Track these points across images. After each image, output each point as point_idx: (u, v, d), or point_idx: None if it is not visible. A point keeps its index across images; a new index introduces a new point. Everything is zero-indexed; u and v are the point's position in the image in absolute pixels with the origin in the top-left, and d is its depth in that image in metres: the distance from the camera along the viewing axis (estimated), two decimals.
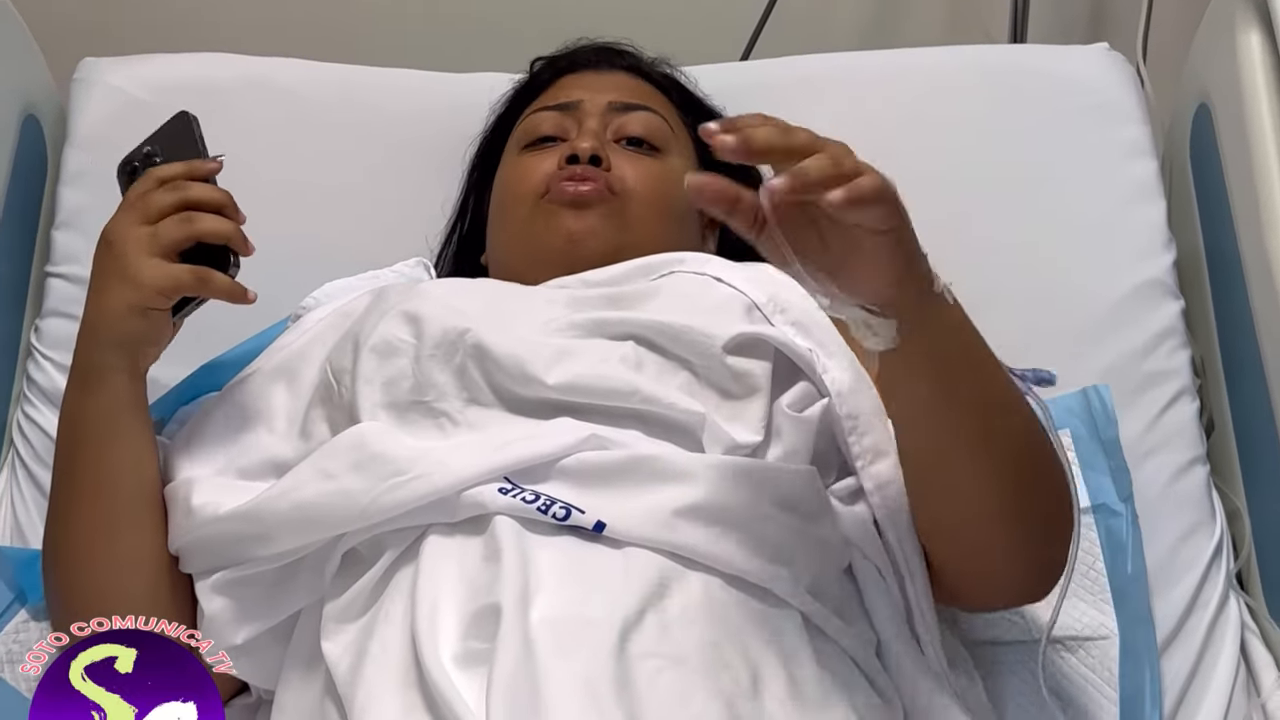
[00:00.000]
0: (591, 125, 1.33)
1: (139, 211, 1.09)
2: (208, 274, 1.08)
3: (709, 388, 1.11)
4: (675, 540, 1.01)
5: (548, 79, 1.43)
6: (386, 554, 1.04)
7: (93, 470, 1.11)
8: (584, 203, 1.27)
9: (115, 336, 1.10)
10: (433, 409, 1.11)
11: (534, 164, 1.32)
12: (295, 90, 1.57)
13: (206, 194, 1.09)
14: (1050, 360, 1.36)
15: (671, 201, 1.32)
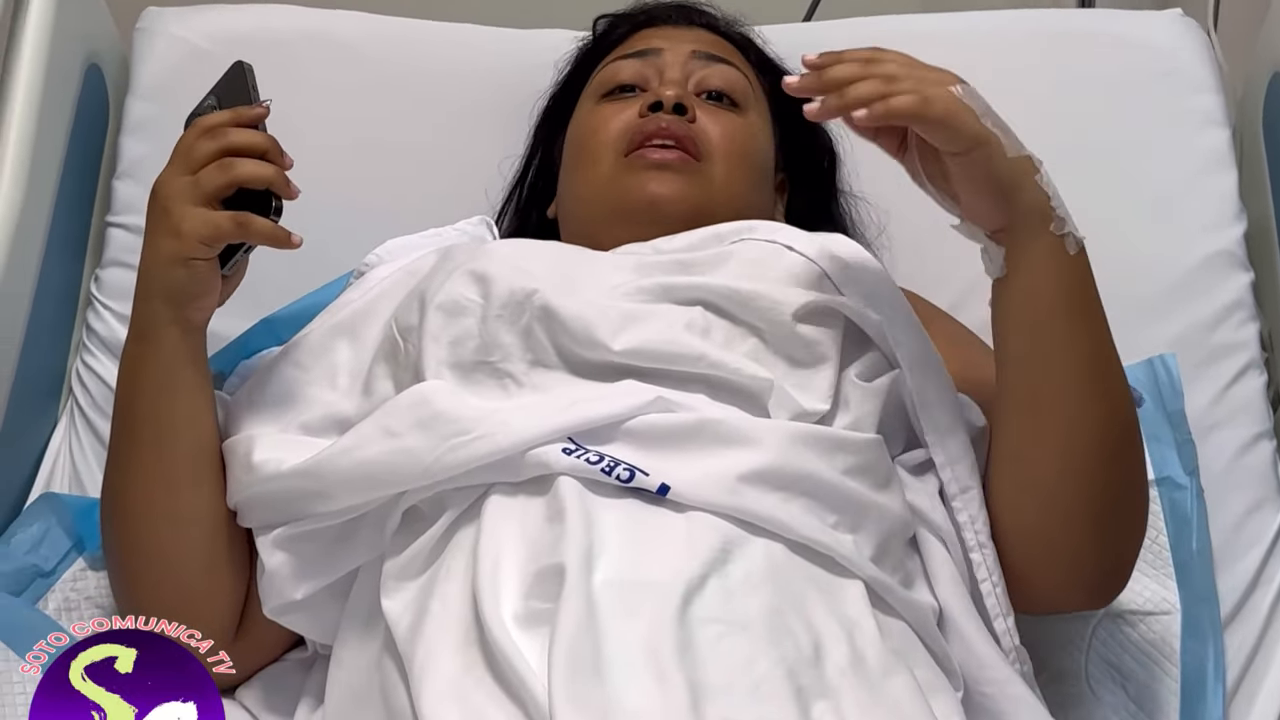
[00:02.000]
0: (674, 75, 1.32)
1: (183, 162, 1.08)
2: (247, 219, 1.06)
3: (777, 355, 1.10)
4: (739, 505, 1.01)
5: (625, 32, 1.41)
6: (448, 512, 1.04)
7: (150, 425, 1.12)
8: (667, 165, 1.25)
9: (163, 288, 1.09)
10: (497, 369, 1.11)
11: (614, 112, 1.30)
12: (355, 44, 1.56)
13: (247, 139, 1.07)
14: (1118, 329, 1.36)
15: (753, 160, 1.31)
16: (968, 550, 1.10)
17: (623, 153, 1.27)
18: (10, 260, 1.27)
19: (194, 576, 1.12)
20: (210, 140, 1.07)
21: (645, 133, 1.26)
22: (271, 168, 1.07)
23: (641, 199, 1.25)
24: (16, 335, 1.30)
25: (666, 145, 1.26)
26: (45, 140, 1.35)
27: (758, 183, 1.32)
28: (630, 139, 1.27)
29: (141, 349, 1.11)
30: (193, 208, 1.06)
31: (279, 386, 1.18)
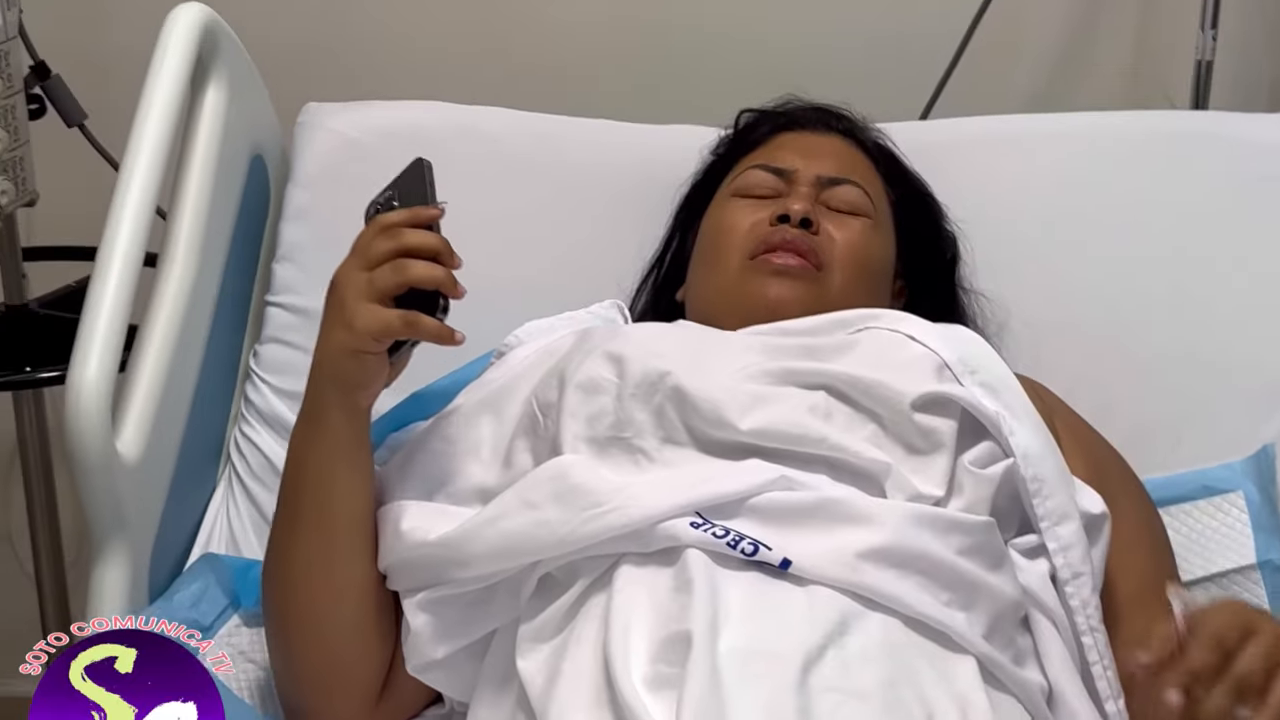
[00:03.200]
0: (803, 190, 1.37)
1: (360, 257, 1.12)
2: (416, 318, 1.10)
3: (895, 441, 1.15)
4: (858, 581, 1.05)
5: (765, 133, 1.47)
6: (581, 579, 1.10)
7: (314, 499, 1.17)
8: (788, 273, 1.31)
9: (334, 376, 1.14)
10: (631, 445, 1.17)
11: (746, 215, 1.37)
12: (501, 138, 1.63)
13: (421, 241, 1.11)
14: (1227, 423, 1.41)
15: (871, 268, 1.37)
16: (1079, 633, 1.13)
17: (749, 255, 1.34)
18: (181, 336, 1.35)
19: (346, 640, 1.18)
20: (387, 239, 1.11)
21: (771, 243, 1.33)
22: (442, 270, 1.10)
23: (762, 301, 1.31)
24: (184, 406, 1.38)
25: (789, 254, 1.32)
26: (215, 225, 1.43)
27: (874, 289, 1.37)
28: (757, 245, 1.33)
29: (310, 429, 1.17)
30: (366, 304, 1.10)
31: (426, 458, 1.24)
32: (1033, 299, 1.52)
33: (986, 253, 1.52)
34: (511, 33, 1.86)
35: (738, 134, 1.51)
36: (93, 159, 1.76)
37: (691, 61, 1.84)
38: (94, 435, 1.19)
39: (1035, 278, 1.54)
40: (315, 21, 1.87)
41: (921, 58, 1.83)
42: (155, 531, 1.32)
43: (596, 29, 1.86)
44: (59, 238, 1.85)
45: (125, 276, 1.25)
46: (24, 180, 1.58)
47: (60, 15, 1.79)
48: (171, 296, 1.36)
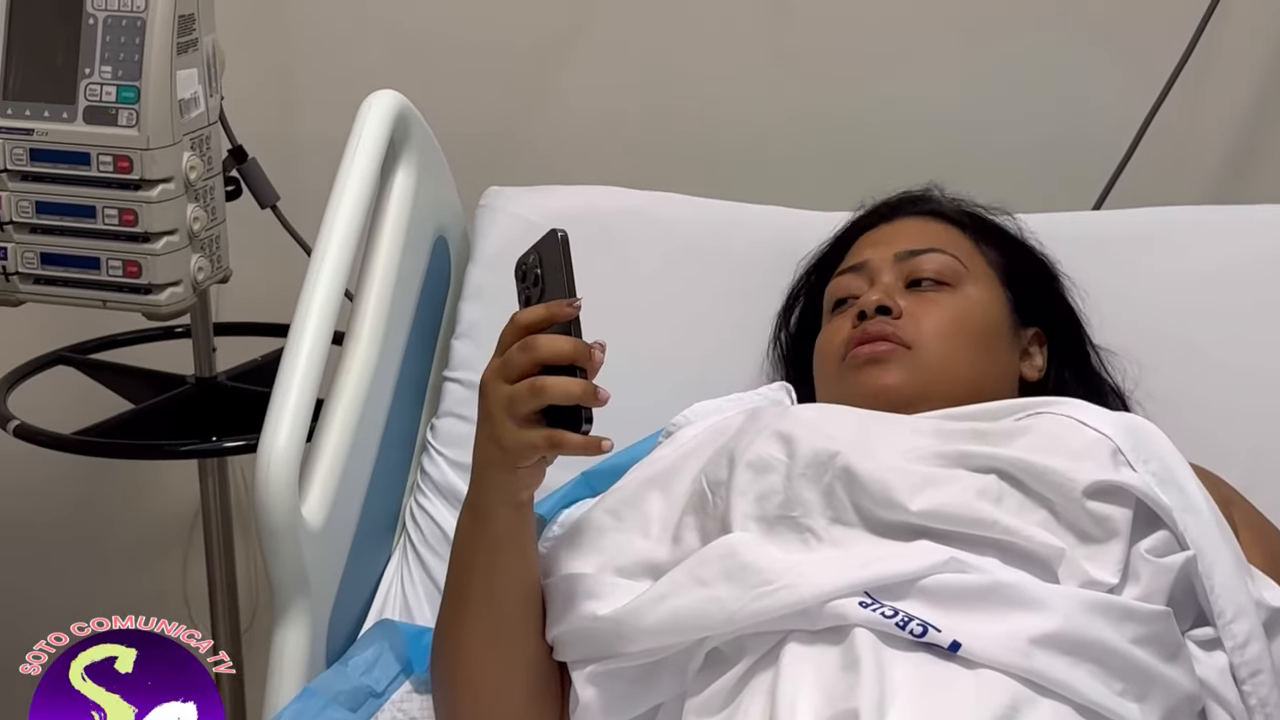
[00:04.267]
0: (884, 279, 1.39)
1: (503, 369, 1.10)
2: (560, 438, 1.08)
3: (1067, 528, 1.14)
4: (1030, 666, 1.04)
5: (849, 240, 1.50)
6: (748, 656, 1.10)
7: (482, 585, 1.19)
8: (878, 359, 1.32)
9: (492, 483, 1.15)
10: (799, 524, 1.18)
11: (836, 327, 1.39)
12: (674, 222, 1.66)
13: (557, 351, 1.07)
14: None
15: (972, 332, 1.36)
16: None
17: (840, 360, 1.36)
18: (364, 410, 1.40)
19: (515, 713, 1.20)
20: (524, 352, 1.08)
21: (854, 340, 1.34)
22: (580, 385, 1.07)
23: (865, 393, 1.32)
24: (364, 476, 1.43)
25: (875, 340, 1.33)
26: (398, 304, 1.48)
27: (983, 352, 1.36)
28: (845, 349, 1.35)
29: (475, 524, 1.18)
30: (510, 423, 1.09)
31: (595, 533, 1.26)
32: (1205, 390, 1.50)
33: (1157, 342, 1.50)
34: (690, 117, 1.90)
35: (831, 247, 1.53)
36: (283, 239, 1.84)
37: (863, 150, 1.85)
38: (282, 500, 1.24)
39: (1209, 369, 1.52)
40: (499, 108, 1.93)
41: (1095, 148, 1.82)
42: (334, 596, 1.37)
43: (772, 117, 1.89)
44: (245, 314, 1.93)
45: (315, 353, 1.30)
46: (219, 258, 1.66)
47: (257, 101, 1.87)
48: (356, 372, 1.41)
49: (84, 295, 1.59)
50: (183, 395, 1.78)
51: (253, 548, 1.58)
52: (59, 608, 2.10)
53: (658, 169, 1.78)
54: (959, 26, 1.86)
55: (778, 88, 1.89)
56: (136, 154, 1.52)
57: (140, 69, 1.52)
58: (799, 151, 1.89)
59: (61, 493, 2.15)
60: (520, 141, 1.93)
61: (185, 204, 1.57)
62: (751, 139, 1.89)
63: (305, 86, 1.97)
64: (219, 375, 1.80)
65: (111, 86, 1.53)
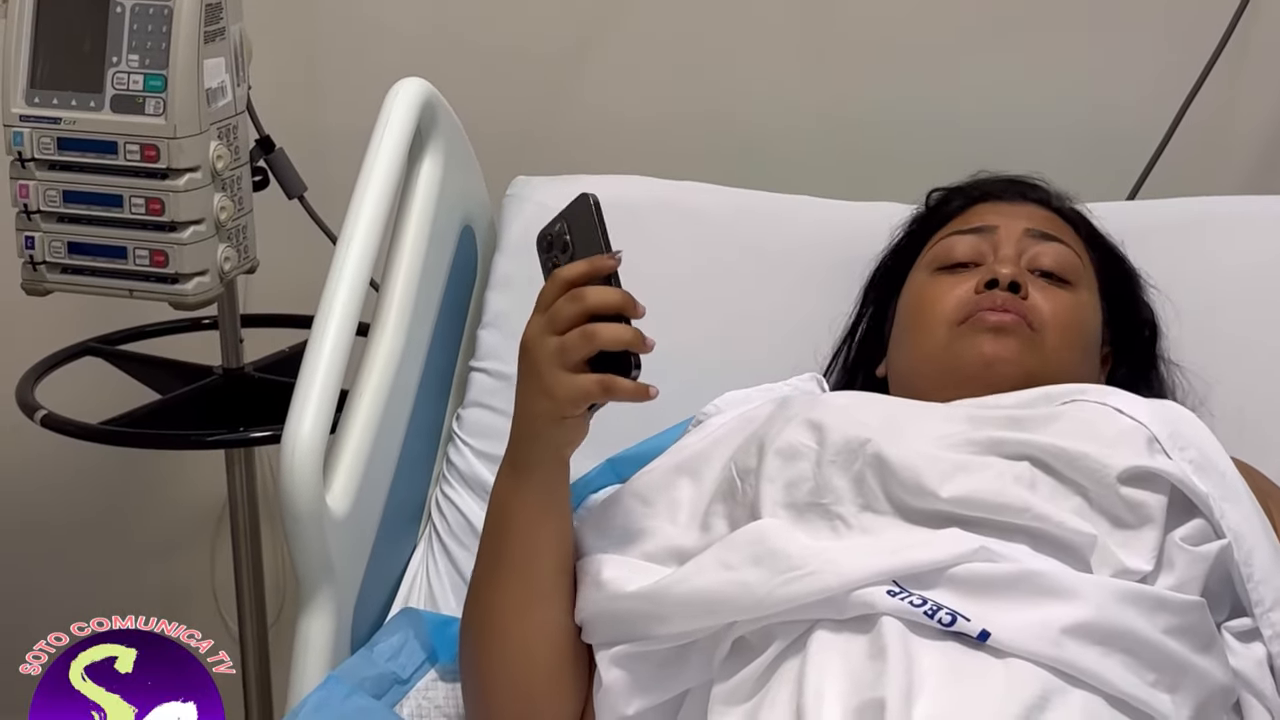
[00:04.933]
0: (1008, 251, 1.35)
1: (548, 321, 1.13)
2: (612, 382, 1.11)
3: (1100, 514, 1.13)
4: (1060, 656, 1.03)
5: (959, 206, 1.46)
6: (775, 643, 1.10)
7: (520, 547, 1.19)
8: (1004, 329, 1.29)
9: (540, 438, 1.16)
10: (829, 511, 1.17)
11: (950, 286, 1.34)
12: (702, 211, 1.66)
13: (605, 301, 1.11)
14: None
15: (1083, 334, 1.34)
16: None
17: (958, 322, 1.31)
18: (389, 400, 1.39)
19: (540, 685, 1.20)
20: (571, 303, 1.11)
21: (980, 307, 1.30)
22: (630, 330, 1.11)
23: (977, 359, 1.28)
24: (390, 465, 1.42)
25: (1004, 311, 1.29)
26: (424, 294, 1.47)
27: (1086, 356, 1.35)
28: (966, 312, 1.31)
29: (516, 481, 1.19)
30: (562, 373, 1.12)
31: (624, 517, 1.26)
32: (1243, 383, 1.48)
33: (1193, 334, 1.49)
34: (717, 110, 1.89)
35: (930, 209, 1.50)
36: (310, 230, 1.84)
37: (893, 141, 1.84)
38: (306, 487, 1.24)
39: (1245, 362, 1.50)
40: (526, 97, 1.92)
41: (1130, 138, 1.81)
42: (359, 585, 1.36)
43: (801, 106, 1.88)
44: (274, 305, 1.93)
45: (340, 342, 1.30)
46: (246, 248, 1.66)
47: (284, 91, 1.87)
48: (381, 362, 1.41)
49: (111, 285, 1.59)
50: (210, 386, 1.78)
51: (279, 539, 1.58)
52: (88, 598, 2.12)
53: (684, 164, 1.77)
54: (991, 20, 1.85)
55: (806, 83, 1.88)
56: (163, 143, 1.52)
57: (167, 58, 1.52)
58: (828, 147, 1.87)
59: (89, 484, 2.15)
60: (548, 133, 1.92)
61: (212, 193, 1.57)
62: (780, 135, 1.88)
63: (333, 76, 1.97)
64: (246, 366, 1.80)
65: (139, 75, 1.53)
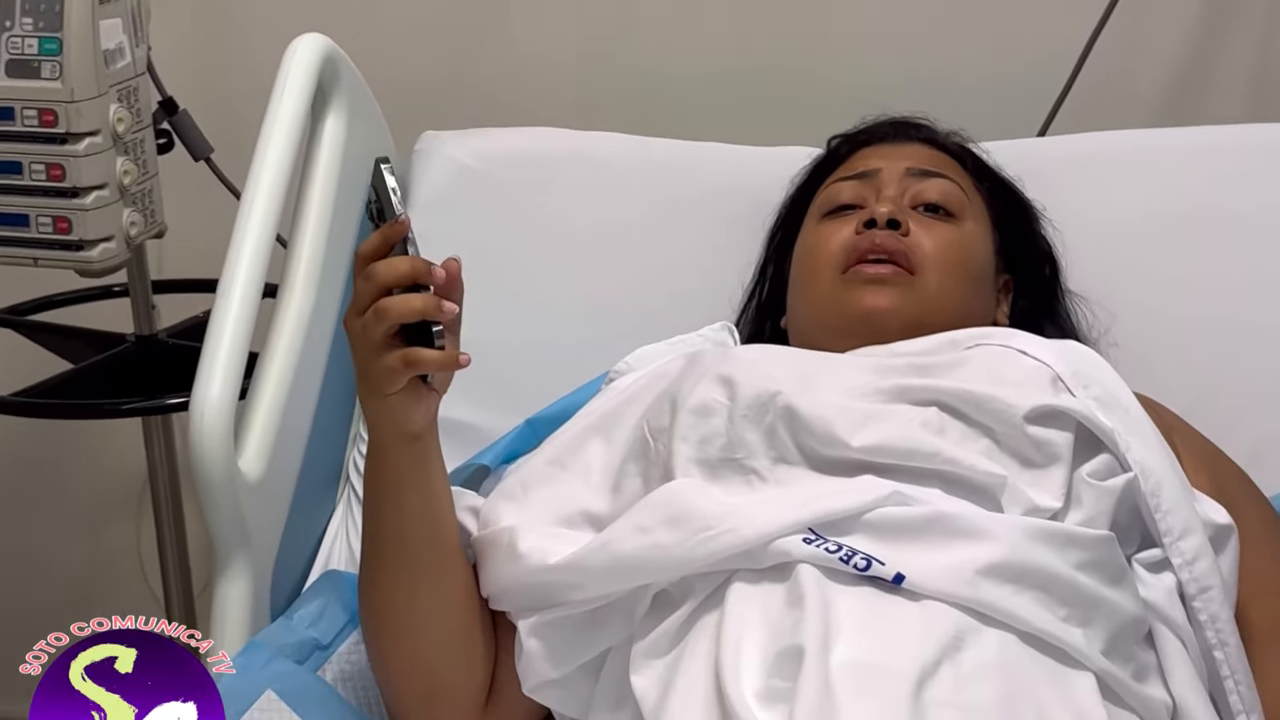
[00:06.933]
0: (889, 192, 1.36)
1: (354, 301, 1.11)
2: (415, 356, 1.08)
3: (1009, 455, 1.14)
4: (974, 596, 1.04)
5: (846, 152, 1.47)
6: (694, 597, 1.10)
7: (389, 523, 1.18)
8: (881, 280, 1.30)
9: (374, 417, 1.15)
10: (743, 466, 1.17)
11: (833, 231, 1.36)
12: (612, 162, 1.65)
13: (395, 272, 1.08)
14: None
15: (968, 268, 1.35)
16: (1210, 648, 1.12)
17: (840, 270, 1.32)
18: (301, 361, 1.38)
19: (439, 659, 1.19)
20: (365, 281, 1.09)
21: (860, 250, 1.31)
22: (421, 299, 1.07)
23: (858, 312, 1.30)
24: (304, 427, 1.41)
25: (881, 260, 1.30)
26: (334, 252, 1.45)
27: (975, 289, 1.36)
28: (847, 256, 1.32)
29: (374, 461, 1.18)
30: (369, 353, 1.10)
31: (537, 481, 1.25)
32: (1151, 314, 1.50)
33: (1104, 267, 1.50)
34: (626, 59, 1.88)
35: (821, 160, 1.51)
36: (220, 193, 1.81)
37: (803, 85, 1.84)
38: (217, 453, 1.22)
39: (1154, 292, 1.52)
40: (433, 52, 1.90)
41: (1040, 75, 1.81)
42: (277, 550, 1.35)
43: (710, 52, 1.87)
44: (188, 270, 1.90)
45: (246, 303, 1.28)
46: (152, 212, 1.63)
47: (188, 51, 1.84)
48: (291, 322, 1.39)
49: (14, 254, 1.56)
50: (123, 354, 1.76)
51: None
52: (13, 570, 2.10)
53: (595, 114, 1.76)
54: None
55: (715, 29, 1.87)
56: (61, 107, 1.49)
57: (61, 20, 1.48)
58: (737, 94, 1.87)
59: (8, 457, 2.12)
60: (460, 88, 1.90)
61: (114, 157, 1.54)
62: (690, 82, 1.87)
63: (237, 35, 1.94)
64: (160, 333, 1.78)
65: (33, 39, 1.49)
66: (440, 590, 1.19)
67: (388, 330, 1.08)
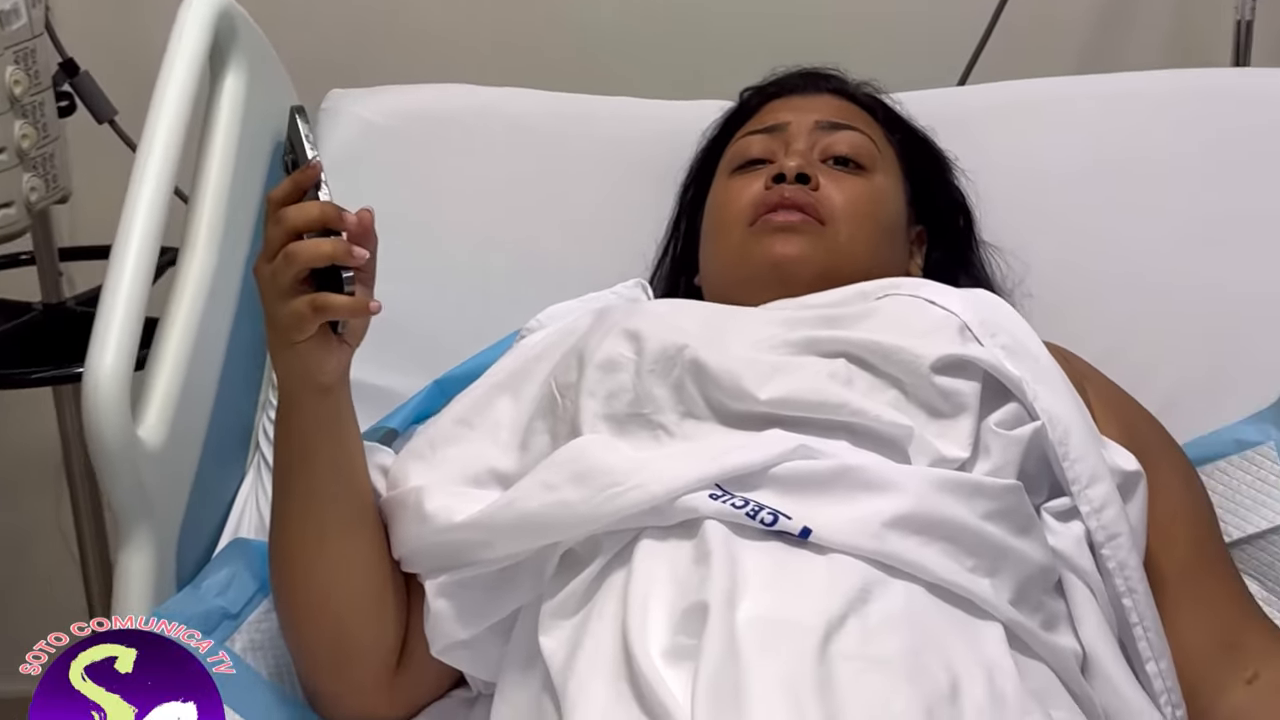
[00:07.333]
0: (799, 146, 1.36)
1: (264, 248, 1.10)
2: (324, 301, 1.07)
3: (917, 406, 1.13)
4: (881, 549, 1.03)
5: (756, 105, 1.46)
6: (602, 555, 1.09)
7: (299, 479, 1.17)
8: (790, 229, 1.29)
9: (283, 369, 1.14)
10: (650, 421, 1.16)
11: (742, 186, 1.35)
12: (523, 118, 1.63)
13: (305, 220, 1.07)
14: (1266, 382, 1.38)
15: (879, 219, 1.34)
16: (1119, 595, 1.11)
17: (749, 223, 1.31)
18: (203, 324, 1.35)
19: (349, 619, 1.17)
20: (274, 226, 1.08)
21: (768, 204, 1.30)
22: (330, 243, 1.06)
23: (767, 261, 1.29)
24: (208, 393, 1.38)
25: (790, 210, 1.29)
26: (238, 211, 1.42)
27: (886, 241, 1.35)
28: (755, 210, 1.31)
29: (284, 413, 1.17)
30: (277, 300, 1.08)
31: (444, 441, 1.23)
32: (1066, 265, 1.49)
33: (1021, 217, 1.49)
34: (533, 14, 1.86)
35: (732, 113, 1.50)
36: (127, 156, 1.77)
37: (720, 37, 1.82)
38: (112, 422, 1.19)
39: (1069, 243, 1.51)
40: (340, 9, 1.87)
41: (958, 23, 1.80)
42: (182, 518, 1.32)
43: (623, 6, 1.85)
44: (98, 237, 1.85)
45: (141, 264, 1.25)
46: (54, 177, 1.59)
47: (89, 12, 1.81)
48: (193, 285, 1.36)
49: None
50: (30, 323, 1.73)
51: None
52: None
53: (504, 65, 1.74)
54: None
55: None
56: None
57: None
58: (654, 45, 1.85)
59: None
60: (367, 45, 1.88)
61: (12, 121, 1.51)
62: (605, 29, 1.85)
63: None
64: (68, 301, 1.75)
65: None
66: (351, 548, 1.17)
67: (297, 275, 1.07)
